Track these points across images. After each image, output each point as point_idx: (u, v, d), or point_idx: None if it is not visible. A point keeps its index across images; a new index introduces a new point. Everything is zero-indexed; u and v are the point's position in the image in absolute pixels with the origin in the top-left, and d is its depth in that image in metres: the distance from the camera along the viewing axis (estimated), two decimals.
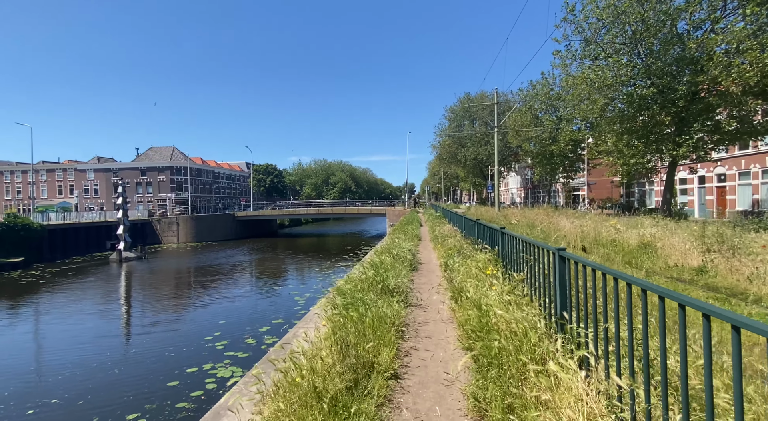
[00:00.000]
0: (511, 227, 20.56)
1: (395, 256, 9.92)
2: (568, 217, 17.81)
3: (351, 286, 6.22)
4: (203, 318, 16.35)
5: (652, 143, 21.26)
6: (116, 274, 28.85)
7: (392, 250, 10.64)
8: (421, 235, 19.02)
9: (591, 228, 12.66)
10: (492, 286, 5.46)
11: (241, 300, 19.03)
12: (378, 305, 5.38)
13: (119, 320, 16.26)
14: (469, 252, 8.39)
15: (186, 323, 15.74)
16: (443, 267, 9.16)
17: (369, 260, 9.28)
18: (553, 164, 38.71)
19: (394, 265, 8.81)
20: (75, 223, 42.81)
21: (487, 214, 30.51)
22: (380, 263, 8.44)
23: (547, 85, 37.88)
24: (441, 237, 13.74)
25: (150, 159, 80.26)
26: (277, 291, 21.12)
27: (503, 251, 6.44)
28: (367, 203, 78.64)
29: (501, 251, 6.51)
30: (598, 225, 13.75)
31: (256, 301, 18.86)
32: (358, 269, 7.95)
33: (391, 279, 6.86)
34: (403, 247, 11.19)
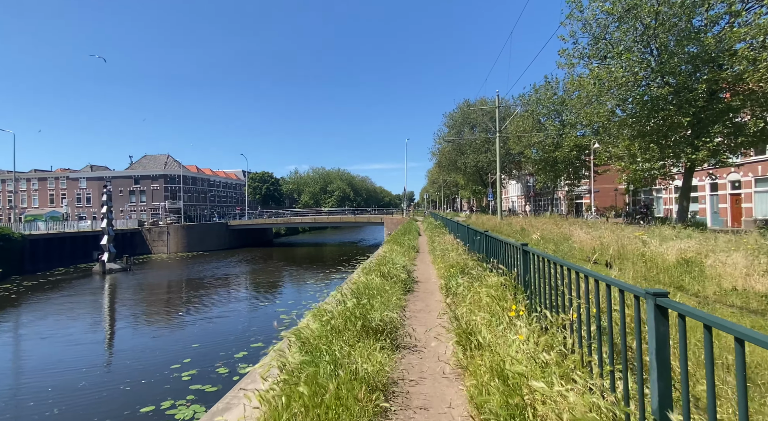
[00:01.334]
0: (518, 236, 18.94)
1: (386, 274, 8.28)
2: (580, 226, 16.19)
3: (319, 325, 4.58)
4: (175, 341, 14.61)
5: (668, 147, 19.73)
6: (95, 288, 27.09)
7: (384, 266, 9.00)
8: (419, 246, 17.38)
9: (612, 240, 11.04)
10: (515, 329, 3.82)
11: (220, 320, 17.29)
12: (353, 357, 3.74)
13: (78, 346, 14.47)
14: (476, 272, 6.76)
15: (155, 348, 14.00)
16: (444, 289, 7.50)
17: (354, 281, 7.63)
18: (557, 171, 37.22)
19: (384, 288, 7.17)
20: (59, 233, 41.08)
21: (489, 222, 28.90)
22: (366, 286, 6.80)
23: (551, 89, 36.55)
24: (441, 250, 12.10)
25: (144, 167, 78.79)
26: (262, 308, 19.41)
27: (526, 276, 4.80)
28: (366, 211, 77.06)
29: (523, 275, 4.87)
30: (618, 236, 12.13)
31: (238, 320, 17.14)
32: (336, 295, 6.30)
33: (376, 311, 5.21)
34: (396, 262, 9.55)
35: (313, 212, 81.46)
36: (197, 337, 15.04)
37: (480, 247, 8.20)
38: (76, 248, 42.00)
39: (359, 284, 7.20)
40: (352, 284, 7.48)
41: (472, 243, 9.29)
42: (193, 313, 18.95)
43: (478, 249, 8.30)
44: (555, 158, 35.53)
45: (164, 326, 16.96)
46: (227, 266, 37.00)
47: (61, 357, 13.44)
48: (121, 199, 77.19)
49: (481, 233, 7.69)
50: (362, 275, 7.69)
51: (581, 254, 11.72)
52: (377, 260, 10.04)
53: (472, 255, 9.26)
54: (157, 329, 16.28)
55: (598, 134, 34.40)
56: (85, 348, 14.41)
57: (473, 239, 9.13)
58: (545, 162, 36.56)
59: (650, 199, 38.38)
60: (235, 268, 35.90)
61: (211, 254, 48.54)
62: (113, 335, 15.58)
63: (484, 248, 7.41)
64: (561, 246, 14.25)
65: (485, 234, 7.35)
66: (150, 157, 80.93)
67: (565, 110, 36.27)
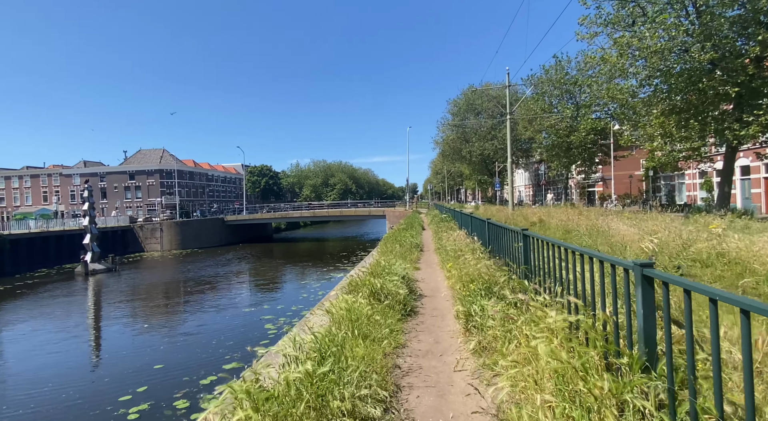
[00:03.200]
0: (539, 229, 16.42)
1: (377, 292, 5.84)
2: (614, 217, 13.63)
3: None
4: (135, 361, 12.30)
5: (710, 123, 17.08)
6: (71, 292, 24.89)
7: (377, 278, 6.59)
8: (423, 243, 14.91)
9: (674, 235, 8.53)
10: None
11: (196, 332, 14.94)
12: None
13: (13, 377, 12.11)
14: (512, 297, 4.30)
15: (108, 372, 11.69)
16: (462, 318, 5.05)
17: (330, 308, 5.21)
18: (571, 157, 34.51)
19: (372, 318, 4.74)
20: (43, 232, 38.98)
21: (499, 214, 26.37)
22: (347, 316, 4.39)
23: (562, 69, 33.71)
24: (452, 250, 9.65)
25: (139, 162, 76.63)
26: (246, 315, 17.07)
27: (647, 327, 2.33)
28: (369, 204, 74.67)
29: (643, 326, 2.39)
30: (671, 228, 9.61)
31: (215, 332, 14.80)
32: (294, 339, 3.86)
33: (348, 386, 2.79)
34: (394, 270, 7.10)
35: (315, 205, 79.10)
36: (163, 355, 12.73)
37: (510, 253, 5.72)
38: (62, 247, 39.90)
39: (337, 314, 4.77)
40: (327, 313, 5.05)
41: (496, 245, 6.80)
42: (167, 323, 16.65)
43: (509, 256, 5.82)
44: (569, 143, 32.81)
45: (130, 340, 14.65)
46: (219, 265, 34.74)
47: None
48: (116, 195, 75.17)
49: (515, 232, 5.20)
50: (341, 300, 5.24)
51: (630, 254, 9.22)
52: (370, 266, 7.60)
53: (495, 261, 6.78)
54: (120, 346, 13.98)
55: (616, 115, 31.71)
56: (18, 370, 12.12)
57: (498, 240, 6.64)
58: (558, 147, 33.85)
59: (671, 186, 35.66)
60: (226, 267, 33.63)
61: (206, 252, 46.37)
62: (65, 354, 13.24)
63: (522, 255, 4.92)
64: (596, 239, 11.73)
65: (525, 235, 4.85)
66: (145, 151, 78.71)
67: (580, 91, 33.50)
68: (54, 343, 14.44)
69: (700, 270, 7.13)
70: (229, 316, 16.90)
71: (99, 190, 75.46)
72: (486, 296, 5.06)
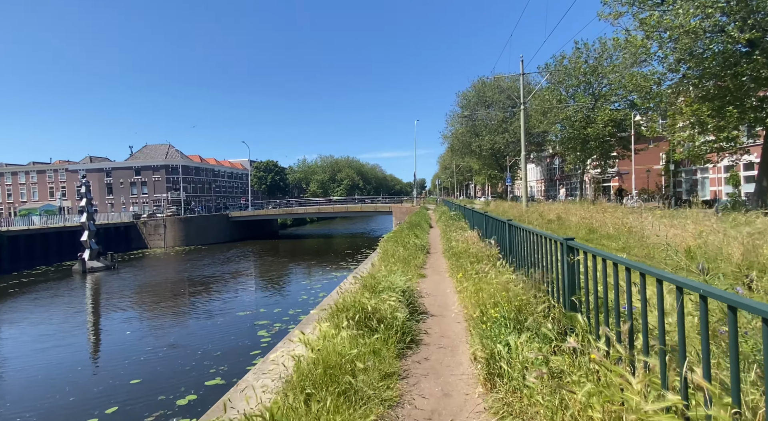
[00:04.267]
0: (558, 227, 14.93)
1: (369, 318, 4.49)
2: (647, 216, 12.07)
3: None
4: (110, 375, 11.12)
5: (748, 111, 15.40)
6: (65, 291, 23.94)
7: (371, 293, 5.25)
8: (430, 244, 13.52)
9: (727, 238, 7.05)
10: None
11: (181, 341, 13.68)
12: None
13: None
14: (556, 333, 2.92)
15: (75, 388, 10.51)
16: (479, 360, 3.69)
17: (294, 355, 3.89)
18: (588, 150, 32.77)
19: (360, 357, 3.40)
20: (43, 228, 38.27)
21: (512, 211, 24.84)
22: (323, 358, 3.06)
23: (581, 57, 31.89)
24: (463, 253, 8.26)
25: (145, 158, 76.03)
26: (240, 320, 15.85)
27: None
28: (376, 200, 73.35)
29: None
30: (722, 229, 8.10)
31: (204, 340, 13.59)
32: None
33: None
34: (392, 286, 5.74)
35: (320, 201, 77.89)
36: (143, 367, 11.54)
37: (543, 266, 4.32)
38: (63, 244, 39.14)
39: (305, 364, 3.44)
40: (294, 358, 3.72)
41: (522, 254, 5.39)
42: (154, 329, 15.48)
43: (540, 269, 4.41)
44: (586, 136, 31.07)
45: (109, 349, 13.52)
46: (220, 263, 33.68)
47: None
48: (122, 191, 74.75)
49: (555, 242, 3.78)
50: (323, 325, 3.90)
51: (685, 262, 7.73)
52: (364, 278, 6.24)
53: (519, 275, 5.38)
54: (97, 356, 12.83)
55: (638, 105, 29.89)
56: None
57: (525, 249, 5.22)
58: (574, 140, 32.12)
59: (693, 181, 33.73)
60: (227, 265, 32.54)
61: (210, 248, 45.43)
62: (33, 368, 12.06)
63: (566, 275, 3.50)
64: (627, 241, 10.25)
65: (571, 247, 3.44)
66: (151, 147, 78.10)
67: (598, 81, 31.69)
68: (25, 352, 13.34)
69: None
70: (222, 321, 15.69)
71: (105, 185, 75.12)
72: (515, 330, 3.68)
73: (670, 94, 20.75)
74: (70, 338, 14.47)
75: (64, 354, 12.73)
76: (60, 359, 12.38)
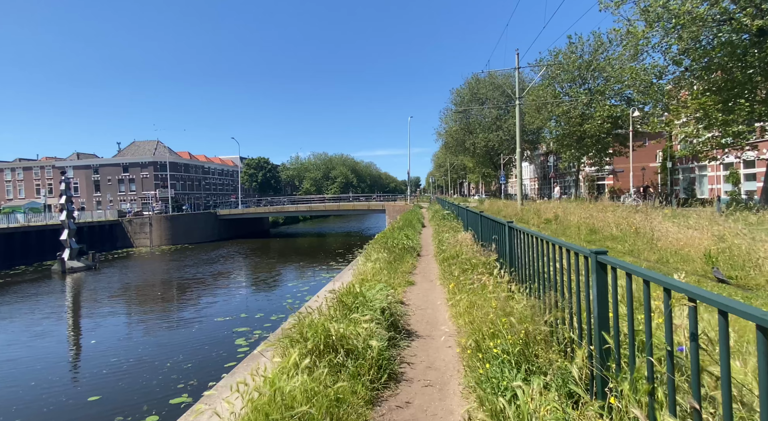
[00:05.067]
0: (557, 227, 14.05)
1: (331, 351, 3.53)
2: (656, 216, 11.22)
3: None
4: (67, 391, 10.07)
5: (758, 104, 14.61)
6: (36, 293, 22.72)
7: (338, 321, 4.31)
8: (422, 245, 12.58)
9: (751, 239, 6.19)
10: None
11: (151, 351, 12.53)
12: None
13: None
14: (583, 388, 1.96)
15: (25, 405, 9.47)
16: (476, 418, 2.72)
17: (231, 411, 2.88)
18: (583, 147, 32.02)
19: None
20: (23, 226, 36.84)
21: (507, 209, 24.03)
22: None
23: (575, 52, 31.09)
24: (454, 257, 7.34)
25: (133, 154, 74.36)
26: (218, 326, 14.81)
27: None
28: (369, 198, 72.36)
29: None
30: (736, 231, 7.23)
31: (175, 349, 12.55)
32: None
33: None
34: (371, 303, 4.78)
35: (316, 199, 76.67)
36: (105, 381, 10.51)
37: (553, 282, 3.39)
38: (44, 242, 37.71)
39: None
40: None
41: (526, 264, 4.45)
42: (124, 337, 14.38)
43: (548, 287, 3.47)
44: (582, 132, 30.31)
45: (71, 360, 12.43)
46: (205, 264, 32.54)
47: None
48: (110, 188, 73.11)
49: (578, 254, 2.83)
50: (276, 362, 2.96)
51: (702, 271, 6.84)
52: (340, 292, 5.27)
53: (521, 288, 4.46)
54: (57, 368, 11.71)
55: (638, 100, 29.14)
56: None
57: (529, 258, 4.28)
58: (570, 137, 31.34)
59: (691, 179, 33.09)
60: (212, 266, 31.41)
61: (197, 247, 44.22)
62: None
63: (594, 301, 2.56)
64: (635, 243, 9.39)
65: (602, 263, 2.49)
66: (139, 143, 76.40)
67: (594, 76, 30.91)
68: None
69: None
70: (197, 328, 14.65)
71: (93, 182, 73.46)
72: (523, 371, 2.75)
73: (671, 88, 19.99)
74: (27, 349, 13.32)
75: (20, 368, 11.62)
76: (12, 373, 11.29)
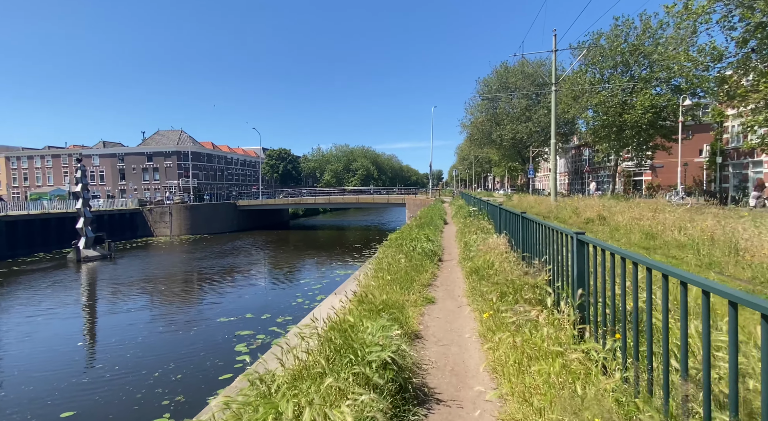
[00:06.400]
0: (601, 229, 12.14)
1: None
2: (734, 219, 9.24)
3: None
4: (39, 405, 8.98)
5: None
6: (46, 284, 22.22)
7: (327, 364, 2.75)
8: (444, 247, 10.92)
9: None
10: None
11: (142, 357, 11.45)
12: None
13: None
14: None
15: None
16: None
17: None
18: (623, 140, 29.48)
19: None
20: (43, 213, 36.96)
21: (539, 206, 22.03)
22: None
23: (620, 35, 28.45)
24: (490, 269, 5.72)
25: (156, 143, 74.88)
26: (219, 328, 13.59)
27: None
28: (391, 191, 70.79)
29: None
30: None
31: (167, 355, 11.34)
32: None
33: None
34: (365, 357, 3.17)
35: (335, 191, 75.59)
36: (82, 394, 9.39)
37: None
38: (64, 230, 37.78)
39: None
40: None
41: (588, 290, 2.78)
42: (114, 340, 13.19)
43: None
44: (622, 123, 27.80)
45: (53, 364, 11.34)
46: (221, 256, 31.74)
47: None
48: (134, 177, 73.89)
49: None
50: None
51: None
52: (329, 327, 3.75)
53: (599, 334, 2.77)
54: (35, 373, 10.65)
55: (683, 90, 26.46)
56: None
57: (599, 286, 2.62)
58: (609, 128, 28.86)
59: (743, 175, 30.12)
60: (227, 258, 30.53)
61: (215, 238, 43.73)
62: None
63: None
64: (711, 254, 7.52)
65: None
66: (163, 132, 76.90)
67: (638, 61, 28.24)
68: None
69: None
70: (197, 330, 13.47)
71: (118, 171, 74.42)
72: None
73: (731, 74, 17.55)
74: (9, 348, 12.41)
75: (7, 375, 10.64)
76: None
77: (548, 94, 44.27)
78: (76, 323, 15.44)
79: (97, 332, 13.69)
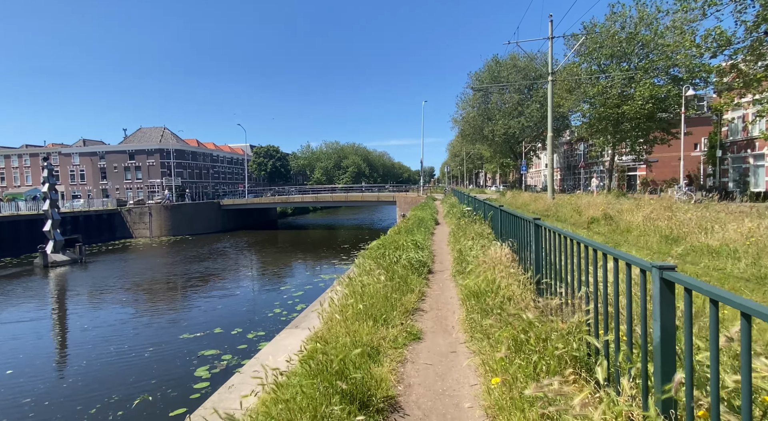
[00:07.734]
0: (607, 231, 10.75)
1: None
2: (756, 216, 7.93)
3: None
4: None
5: None
6: (2, 291, 20.38)
7: None
8: (434, 255, 9.46)
9: None
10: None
11: (81, 385, 9.90)
12: None
13: None
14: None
15: None
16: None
17: None
18: (621, 133, 28.30)
19: None
20: (12, 216, 34.88)
21: (535, 204, 20.67)
22: None
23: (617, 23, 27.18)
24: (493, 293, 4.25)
25: (139, 141, 72.45)
26: (181, 345, 12.03)
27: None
28: (383, 189, 69.28)
29: None
30: None
31: (116, 381, 9.78)
32: None
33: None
34: None
35: (326, 189, 73.83)
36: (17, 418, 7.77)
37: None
38: (35, 232, 35.69)
39: None
40: None
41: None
42: (54, 363, 11.64)
43: None
44: (620, 115, 26.60)
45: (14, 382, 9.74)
46: (200, 260, 29.95)
47: None
48: (116, 176, 71.45)
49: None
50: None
51: None
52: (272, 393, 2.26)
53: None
54: None
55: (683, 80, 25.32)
56: None
57: None
58: (606, 120, 27.64)
59: (744, 169, 29.11)
60: (206, 262, 28.74)
61: (198, 239, 41.87)
62: None
63: None
64: (760, 264, 6.14)
65: None
66: (145, 129, 74.48)
67: (636, 51, 27.00)
68: None
69: None
70: (154, 350, 11.83)
71: (99, 170, 71.92)
72: None
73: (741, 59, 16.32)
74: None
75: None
76: None
77: (540, 88, 43.07)
78: (23, 343, 13.61)
79: (38, 354, 11.99)
